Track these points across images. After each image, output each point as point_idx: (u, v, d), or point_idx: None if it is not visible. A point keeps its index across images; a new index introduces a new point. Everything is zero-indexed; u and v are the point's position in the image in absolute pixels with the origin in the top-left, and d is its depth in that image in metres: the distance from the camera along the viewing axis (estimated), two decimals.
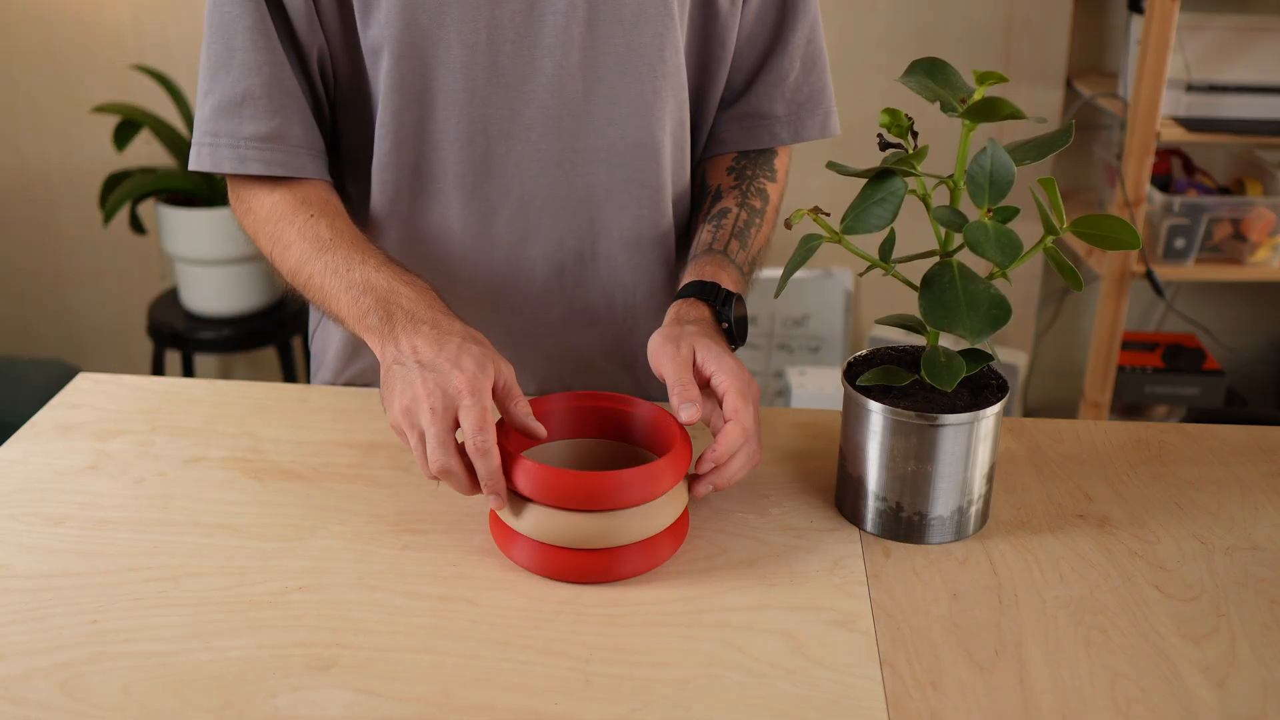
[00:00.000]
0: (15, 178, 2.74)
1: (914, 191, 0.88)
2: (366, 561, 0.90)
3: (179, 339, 2.49)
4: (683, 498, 0.91)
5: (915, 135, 0.88)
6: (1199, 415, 2.53)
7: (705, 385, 0.94)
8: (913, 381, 0.92)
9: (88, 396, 1.15)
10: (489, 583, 0.88)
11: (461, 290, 1.12)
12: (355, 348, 1.21)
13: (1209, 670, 0.80)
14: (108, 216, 2.37)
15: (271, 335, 2.53)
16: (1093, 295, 2.70)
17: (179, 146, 2.47)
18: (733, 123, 1.18)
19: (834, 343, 2.68)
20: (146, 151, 2.64)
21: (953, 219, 0.86)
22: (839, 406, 0.99)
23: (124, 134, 2.43)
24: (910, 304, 0.90)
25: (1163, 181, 2.41)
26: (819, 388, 2.49)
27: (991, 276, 0.88)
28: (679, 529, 0.92)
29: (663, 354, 0.95)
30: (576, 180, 1.10)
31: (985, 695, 0.77)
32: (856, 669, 0.79)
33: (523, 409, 0.90)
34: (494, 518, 0.92)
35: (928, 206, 0.87)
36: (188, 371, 2.59)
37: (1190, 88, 2.27)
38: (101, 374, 1.19)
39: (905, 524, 0.93)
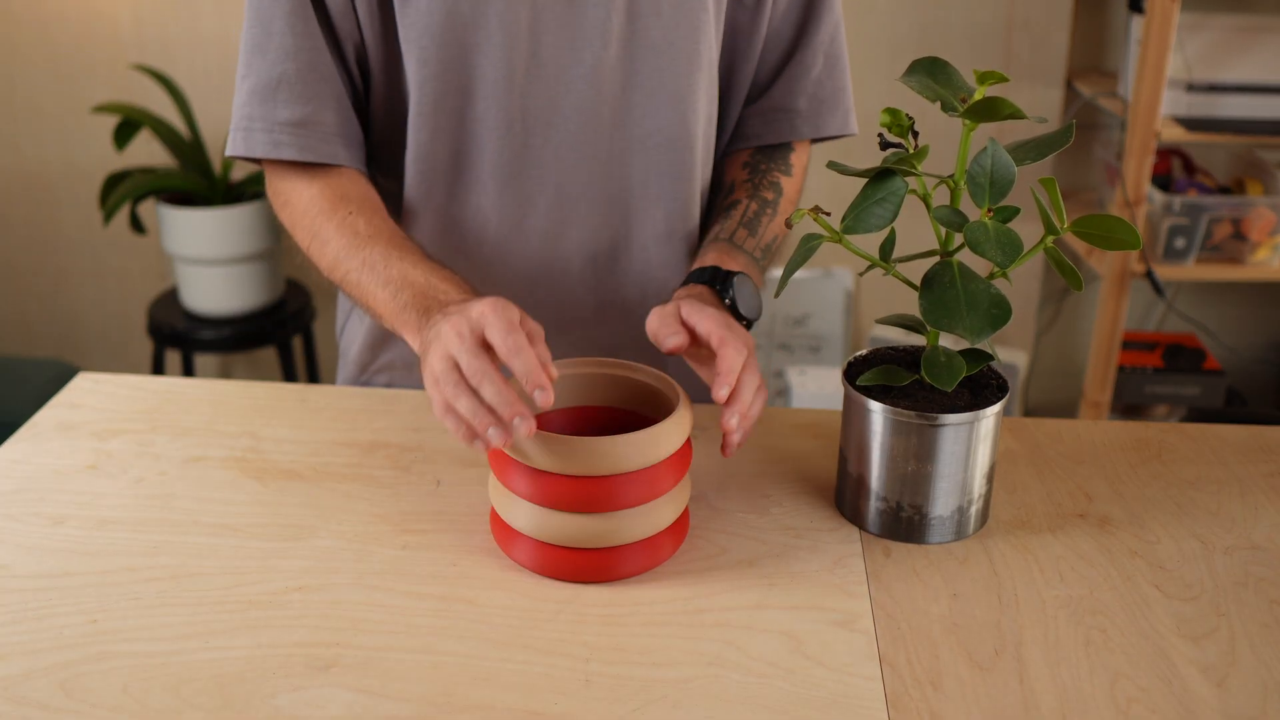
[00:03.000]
0: (15, 178, 2.74)
1: (914, 191, 0.88)
2: (366, 561, 0.90)
3: (179, 339, 2.49)
4: (683, 497, 0.91)
5: (916, 135, 0.88)
6: (1199, 415, 2.53)
7: (694, 341, 0.95)
8: (913, 381, 0.92)
9: (88, 396, 1.15)
10: (489, 583, 0.88)
11: (495, 280, 1.13)
12: (381, 341, 1.21)
13: (1209, 670, 0.80)
14: (108, 216, 2.37)
15: (271, 335, 2.52)
16: (1093, 295, 2.70)
17: (179, 146, 2.47)
18: (755, 116, 1.20)
19: (834, 343, 2.68)
20: (146, 151, 2.64)
21: (953, 219, 0.86)
22: (839, 406, 0.99)
23: (124, 134, 2.43)
24: (910, 304, 0.89)
25: (1163, 181, 2.41)
26: (819, 388, 2.49)
27: (992, 276, 0.87)
28: (679, 529, 0.92)
29: (651, 315, 0.97)
30: (613, 173, 1.11)
31: (985, 695, 0.77)
32: (856, 669, 0.79)
33: (543, 353, 0.86)
34: (494, 517, 0.92)
35: (928, 206, 0.87)
36: (188, 371, 2.59)
37: (1190, 88, 2.27)
38: (101, 374, 1.19)
39: (905, 523, 0.93)
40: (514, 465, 0.87)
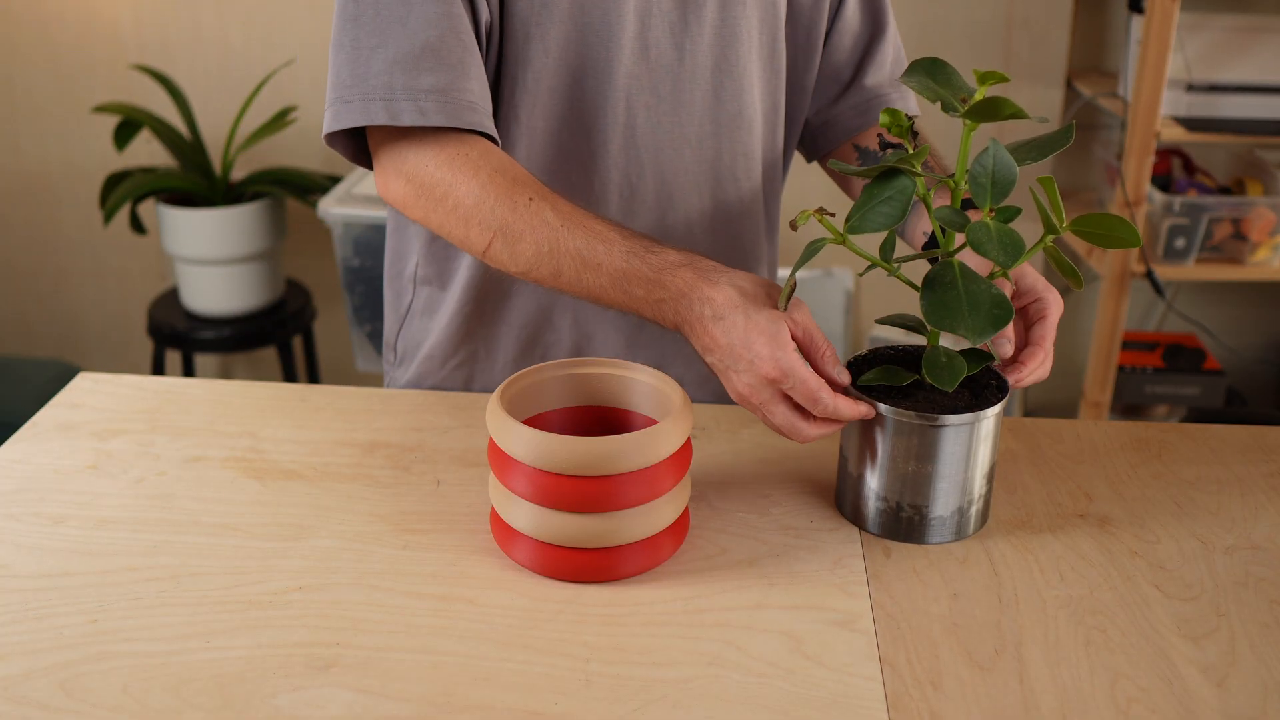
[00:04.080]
0: (15, 178, 2.74)
1: (914, 191, 0.88)
2: (366, 561, 0.90)
3: (179, 339, 2.49)
4: (683, 497, 0.91)
5: (916, 135, 0.88)
6: (1199, 415, 2.53)
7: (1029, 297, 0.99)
8: (913, 381, 0.92)
9: (88, 396, 1.15)
10: (489, 583, 0.88)
11: None
12: (461, 338, 1.21)
13: (1209, 670, 0.80)
14: (108, 216, 2.37)
15: (271, 335, 2.52)
16: (1093, 295, 2.70)
17: (179, 146, 2.47)
18: (851, 109, 1.23)
19: (834, 343, 2.68)
20: (146, 151, 2.64)
21: (954, 219, 0.86)
22: None
23: (124, 134, 2.43)
24: (909, 304, 0.89)
25: (1163, 181, 2.41)
26: None
27: (993, 276, 0.87)
28: (679, 529, 0.92)
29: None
30: (704, 154, 1.14)
31: (985, 695, 0.77)
32: (856, 669, 0.79)
33: (829, 357, 0.92)
34: (494, 517, 0.92)
35: (928, 206, 0.87)
36: (188, 371, 2.59)
37: (1190, 88, 2.27)
38: (101, 374, 1.19)
39: (905, 524, 0.93)
40: (514, 465, 0.87)
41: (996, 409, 0.90)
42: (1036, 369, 0.95)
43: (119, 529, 0.94)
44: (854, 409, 0.90)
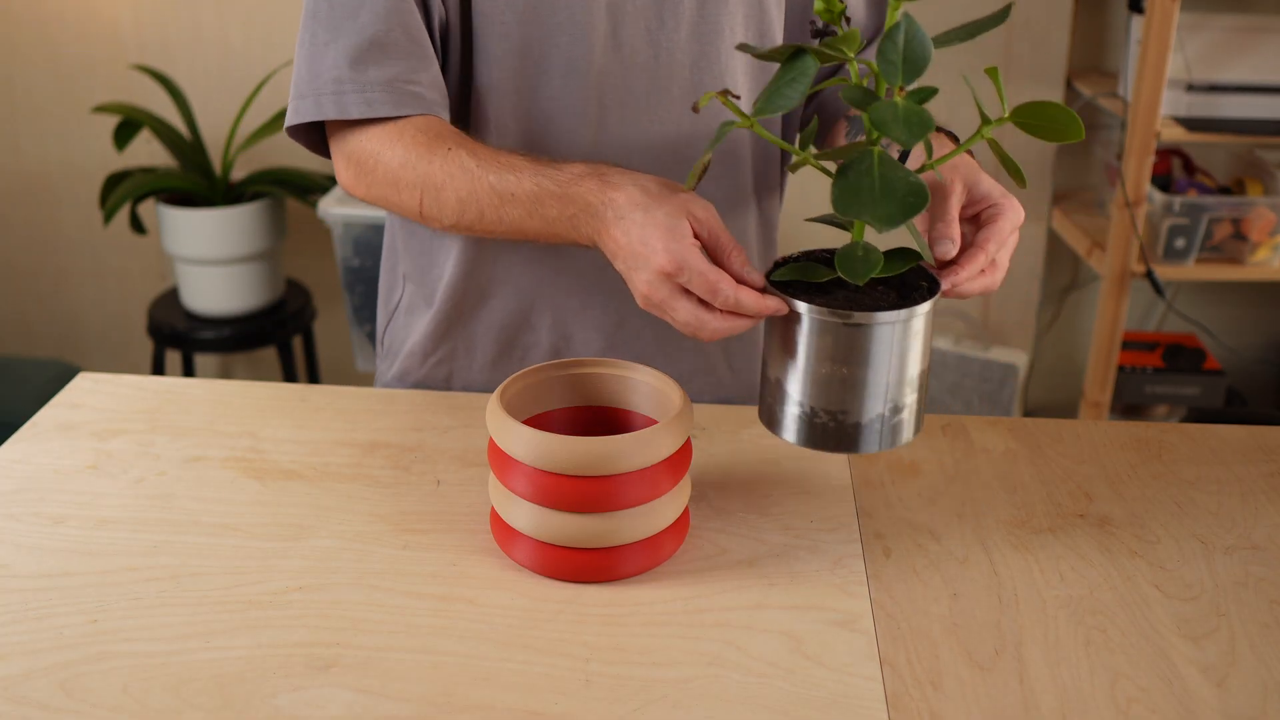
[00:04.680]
0: (15, 178, 2.74)
1: (816, 70, 0.83)
2: (366, 561, 0.90)
3: (179, 339, 2.49)
4: (683, 497, 0.91)
5: (848, 21, 0.85)
6: (1199, 415, 2.53)
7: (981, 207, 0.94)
8: (834, 280, 0.86)
9: (88, 396, 1.15)
10: (489, 583, 0.88)
11: (571, 254, 1.14)
12: (440, 336, 1.21)
13: (1209, 670, 0.80)
14: (108, 216, 2.37)
15: (271, 335, 2.52)
16: (1093, 295, 2.70)
17: (179, 146, 2.47)
18: (836, 89, 1.23)
19: None
20: (146, 151, 2.64)
21: (861, 96, 0.80)
22: None
23: (124, 134, 2.43)
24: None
25: (1163, 181, 2.41)
26: None
27: (923, 169, 0.84)
28: (679, 529, 0.92)
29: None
30: (681, 154, 1.13)
31: (985, 695, 0.77)
32: (856, 669, 0.79)
33: (737, 257, 0.89)
34: (494, 517, 0.92)
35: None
36: (188, 371, 2.59)
37: (1190, 88, 2.27)
38: (101, 374, 1.19)
39: (820, 430, 0.86)
40: (514, 465, 0.87)
41: (923, 308, 0.83)
42: (976, 275, 0.89)
43: (119, 529, 0.94)
44: (759, 302, 0.85)
